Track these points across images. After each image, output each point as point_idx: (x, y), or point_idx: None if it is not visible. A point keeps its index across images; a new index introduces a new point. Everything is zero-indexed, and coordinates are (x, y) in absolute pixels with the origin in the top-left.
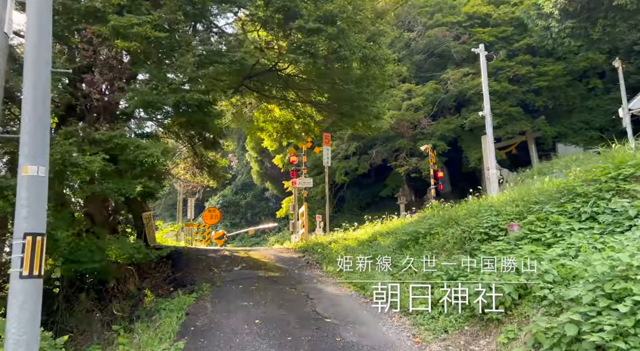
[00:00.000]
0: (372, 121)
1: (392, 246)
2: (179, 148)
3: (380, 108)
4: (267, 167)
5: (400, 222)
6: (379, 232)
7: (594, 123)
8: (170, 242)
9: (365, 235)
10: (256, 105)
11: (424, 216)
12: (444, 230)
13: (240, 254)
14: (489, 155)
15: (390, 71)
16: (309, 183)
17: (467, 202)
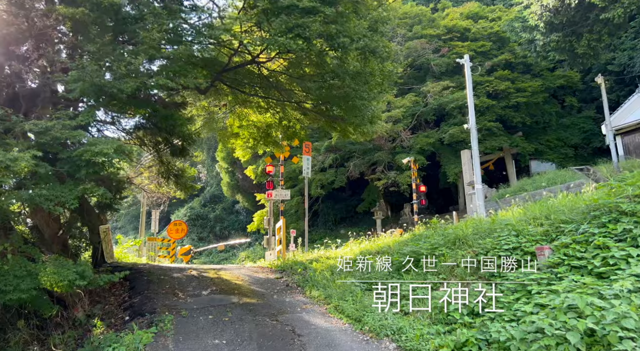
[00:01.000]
0: (365, 125)
1: (387, 268)
2: (144, 156)
3: (375, 111)
4: (239, 178)
5: (391, 240)
6: (368, 250)
7: (569, 141)
8: (131, 258)
9: (350, 254)
10: (231, 108)
11: (420, 234)
12: (450, 252)
13: (210, 274)
14: (475, 170)
15: (390, 67)
16: (286, 196)
17: (472, 219)
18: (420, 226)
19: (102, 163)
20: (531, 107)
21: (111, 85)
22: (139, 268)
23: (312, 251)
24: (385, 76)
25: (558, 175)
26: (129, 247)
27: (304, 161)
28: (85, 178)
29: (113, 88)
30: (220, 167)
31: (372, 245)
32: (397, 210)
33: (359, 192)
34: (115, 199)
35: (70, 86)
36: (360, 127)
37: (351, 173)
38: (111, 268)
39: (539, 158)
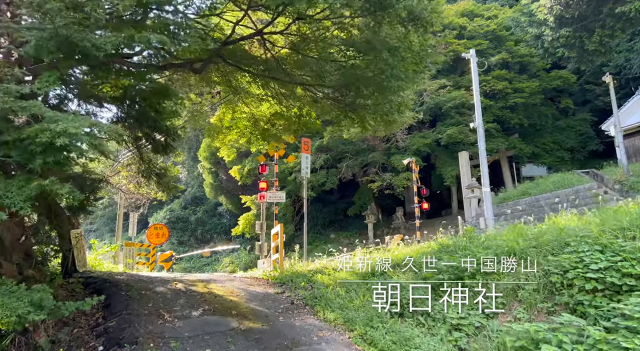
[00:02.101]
0: (392, 115)
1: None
2: (122, 153)
3: (405, 97)
4: (222, 179)
5: (410, 250)
6: (385, 262)
7: (565, 144)
8: (106, 265)
9: (361, 263)
10: (222, 99)
11: (450, 245)
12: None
13: (199, 288)
14: (482, 172)
15: (431, 41)
16: (281, 198)
17: (516, 228)
18: (404, 232)
19: (66, 150)
20: (528, 108)
21: (82, 38)
22: (116, 279)
23: (311, 260)
24: (426, 53)
25: (564, 178)
26: (104, 253)
27: (302, 159)
28: (45, 170)
29: (86, 43)
30: (203, 167)
31: (388, 255)
32: (388, 213)
33: (348, 195)
34: (89, 200)
35: (23, 35)
36: (387, 116)
37: (343, 174)
38: (83, 279)
39: (530, 161)
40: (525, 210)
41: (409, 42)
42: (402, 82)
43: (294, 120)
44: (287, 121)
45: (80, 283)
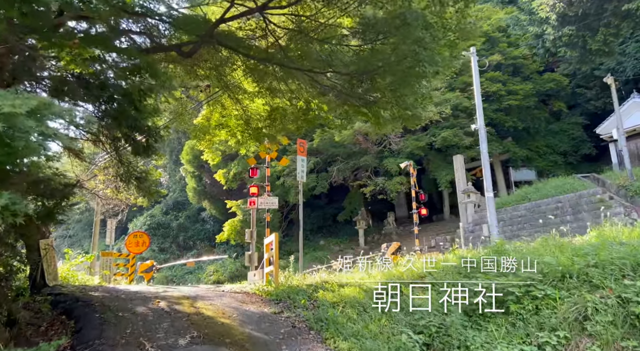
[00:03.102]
0: (415, 109)
1: (447, 310)
2: (99, 155)
3: (430, 88)
4: (206, 183)
5: (430, 266)
6: (398, 277)
7: (558, 148)
8: (81, 277)
9: (370, 279)
10: (211, 95)
11: (478, 258)
12: (566, 294)
13: (184, 307)
14: (485, 175)
15: (471, 18)
16: (273, 204)
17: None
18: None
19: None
20: (522, 111)
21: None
22: (89, 297)
23: (307, 272)
24: (464, 31)
25: (564, 183)
26: (78, 264)
27: (298, 162)
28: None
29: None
30: (186, 170)
31: (400, 269)
32: (379, 219)
33: (337, 200)
34: (60, 207)
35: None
36: (409, 110)
37: (334, 178)
38: (51, 297)
39: (524, 165)
40: (525, 216)
41: (444, 18)
42: (438, 66)
43: (298, 115)
44: (292, 116)
45: (47, 302)
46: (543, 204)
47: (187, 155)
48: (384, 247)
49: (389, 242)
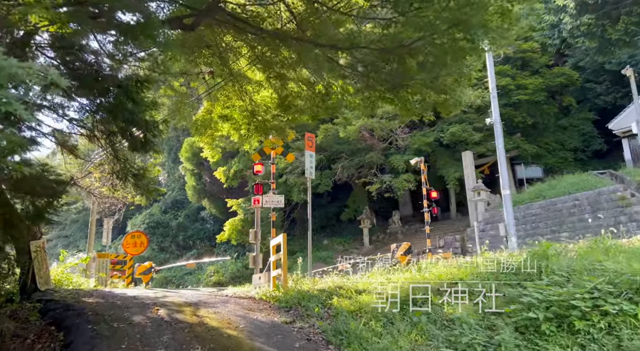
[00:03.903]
0: (454, 92)
1: (491, 324)
2: (94, 152)
3: (470, 68)
4: (206, 181)
5: (459, 271)
6: (426, 283)
7: (568, 144)
8: (75, 280)
9: (391, 285)
10: (213, 86)
11: (519, 263)
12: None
13: (187, 316)
14: (501, 171)
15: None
16: (279, 203)
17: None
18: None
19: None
20: (532, 106)
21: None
22: (82, 304)
23: (317, 276)
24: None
25: (581, 180)
26: (73, 266)
27: (306, 157)
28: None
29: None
30: (185, 168)
31: (425, 274)
32: (383, 218)
33: (340, 198)
34: (52, 206)
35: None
36: (446, 94)
37: (338, 176)
38: (41, 304)
39: (534, 162)
40: (539, 215)
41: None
42: (492, 34)
43: (315, 102)
44: (308, 103)
45: (36, 310)
46: (559, 202)
47: (187, 152)
48: (393, 247)
49: (394, 241)
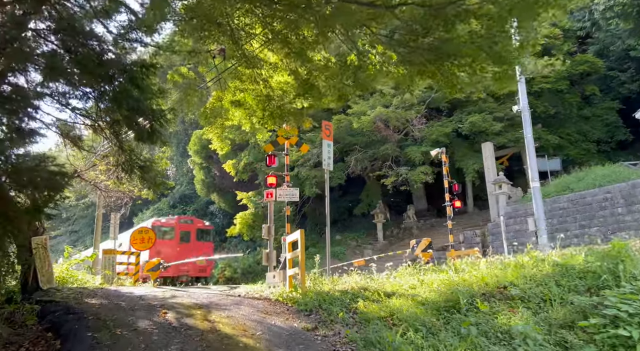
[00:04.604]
0: (517, 59)
1: (561, 340)
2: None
3: (538, 33)
4: (215, 175)
5: (507, 272)
6: (466, 287)
7: (591, 135)
8: (81, 277)
9: (424, 288)
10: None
11: (594, 263)
12: None
13: (197, 321)
14: (530, 163)
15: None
16: (294, 196)
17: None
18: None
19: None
20: (553, 95)
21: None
22: (84, 306)
23: (336, 275)
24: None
25: (612, 171)
26: (78, 263)
27: (323, 148)
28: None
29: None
30: (193, 162)
31: (464, 275)
32: (396, 212)
33: (351, 192)
34: (53, 200)
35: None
36: (509, 63)
37: (352, 169)
38: (40, 305)
39: (555, 154)
40: (567, 209)
41: None
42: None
43: (345, 76)
44: (335, 79)
45: (34, 313)
46: (588, 195)
47: (195, 145)
48: (413, 244)
49: (409, 236)
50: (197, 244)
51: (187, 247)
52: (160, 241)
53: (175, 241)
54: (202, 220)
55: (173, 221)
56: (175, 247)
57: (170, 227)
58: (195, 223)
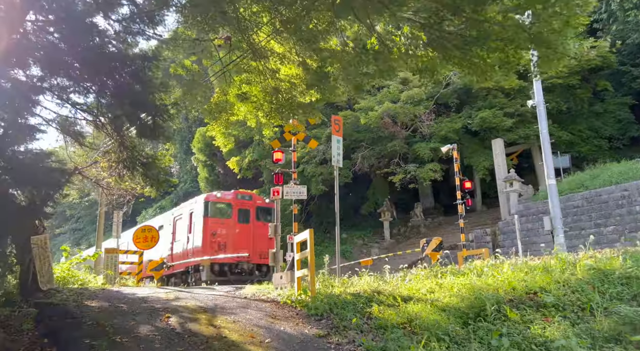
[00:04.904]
0: (560, 39)
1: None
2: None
3: (584, 8)
4: (219, 172)
5: (536, 277)
6: (490, 291)
7: (602, 131)
8: (82, 278)
9: (443, 292)
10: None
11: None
12: None
13: (202, 327)
14: (546, 160)
15: None
16: (302, 194)
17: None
18: None
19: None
20: (564, 90)
21: None
22: (82, 312)
23: (346, 275)
24: None
25: (630, 168)
26: (79, 262)
27: (333, 143)
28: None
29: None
30: (197, 160)
31: (487, 280)
32: (402, 210)
33: (358, 190)
34: (52, 198)
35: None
36: (550, 45)
37: (358, 166)
38: (38, 309)
39: (567, 152)
40: (581, 207)
41: None
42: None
43: (363, 62)
44: (353, 66)
45: (31, 317)
46: (604, 193)
47: (199, 143)
48: (423, 243)
49: (417, 235)
50: (257, 225)
51: (246, 229)
52: (215, 220)
53: (233, 220)
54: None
55: (230, 196)
56: (233, 227)
57: (226, 203)
58: (254, 199)
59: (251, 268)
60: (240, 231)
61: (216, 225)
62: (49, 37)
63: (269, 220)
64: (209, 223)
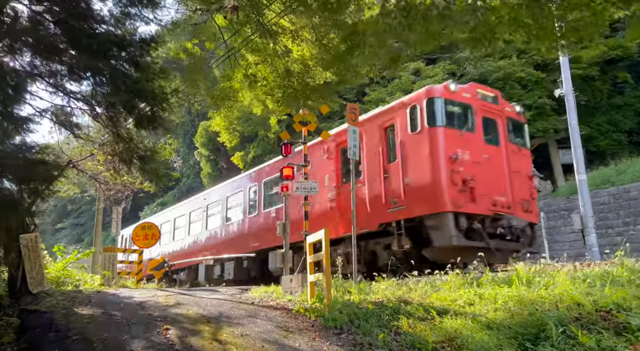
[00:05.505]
0: None
1: None
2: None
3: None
4: (223, 168)
5: (614, 290)
6: (546, 306)
7: (622, 125)
8: (77, 277)
9: (486, 305)
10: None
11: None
12: None
13: (205, 342)
14: (575, 152)
15: None
16: (313, 189)
17: None
18: None
19: None
20: (583, 82)
21: None
22: (70, 322)
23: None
24: None
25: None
26: (74, 261)
27: (349, 134)
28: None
29: None
30: (200, 154)
31: (538, 290)
32: None
33: None
34: (41, 193)
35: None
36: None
37: None
38: (21, 318)
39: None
40: (608, 204)
41: None
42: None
43: (416, 19)
44: (397, 26)
45: (12, 328)
46: (633, 189)
47: (202, 137)
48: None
49: None
50: (510, 149)
51: (497, 156)
52: (453, 133)
53: (478, 136)
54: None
55: (468, 93)
56: (479, 150)
57: (465, 104)
58: (502, 104)
59: (523, 226)
60: (490, 158)
61: (456, 143)
62: (41, 19)
63: (522, 145)
64: (447, 137)
